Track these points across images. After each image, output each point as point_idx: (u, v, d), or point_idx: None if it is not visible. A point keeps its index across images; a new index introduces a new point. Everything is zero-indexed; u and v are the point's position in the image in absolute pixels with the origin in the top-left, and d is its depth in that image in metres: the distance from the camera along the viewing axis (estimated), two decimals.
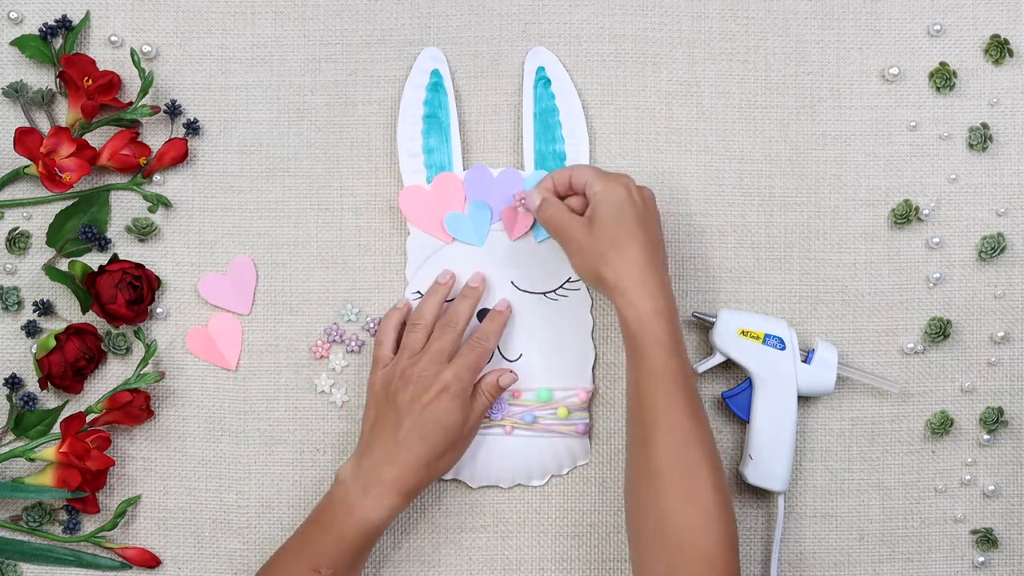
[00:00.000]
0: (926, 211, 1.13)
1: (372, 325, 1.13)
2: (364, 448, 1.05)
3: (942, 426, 1.13)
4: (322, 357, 1.13)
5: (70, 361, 1.09)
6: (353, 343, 1.12)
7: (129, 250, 1.13)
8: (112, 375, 1.13)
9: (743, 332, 1.09)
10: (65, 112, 1.12)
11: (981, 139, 1.13)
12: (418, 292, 1.12)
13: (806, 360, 1.10)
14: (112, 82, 1.11)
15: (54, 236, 1.12)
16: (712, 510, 0.97)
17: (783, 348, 1.09)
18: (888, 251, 1.14)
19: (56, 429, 1.11)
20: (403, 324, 1.10)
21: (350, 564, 1.03)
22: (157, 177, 1.13)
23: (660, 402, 0.99)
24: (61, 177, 1.09)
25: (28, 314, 1.12)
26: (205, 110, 1.13)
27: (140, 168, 1.12)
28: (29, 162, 1.10)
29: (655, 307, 1.00)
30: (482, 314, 1.11)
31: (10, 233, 1.12)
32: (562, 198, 1.07)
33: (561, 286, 1.12)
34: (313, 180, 1.13)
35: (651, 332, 1.00)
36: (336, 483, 1.05)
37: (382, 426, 1.05)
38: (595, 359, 1.13)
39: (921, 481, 1.14)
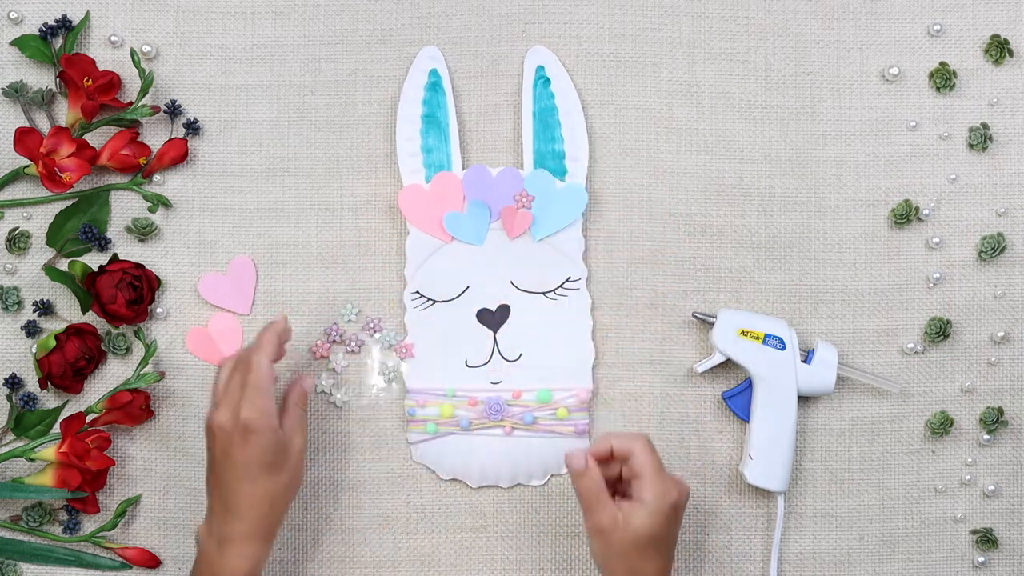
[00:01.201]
0: (926, 211, 1.13)
1: (372, 325, 1.13)
2: (209, 505, 1.02)
3: (942, 426, 1.12)
4: (322, 357, 1.13)
5: (70, 361, 1.09)
6: (353, 343, 1.12)
7: (129, 250, 1.13)
8: (112, 375, 1.13)
9: (743, 332, 1.09)
10: (65, 112, 1.12)
11: (981, 139, 1.13)
12: (417, 292, 1.12)
13: (806, 360, 1.10)
14: (112, 82, 1.11)
15: (54, 236, 1.12)
16: None
17: (783, 348, 1.09)
18: (888, 251, 1.14)
19: (56, 429, 1.11)
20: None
21: None
22: (157, 177, 1.13)
23: None
24: (61, 177, 1.09)
25: (28, 314, 1.12)
26: (205, 110, 1.13)
27: (140, 168, 1.12)
28: (29, 162, 1.10)
29: None
30: (482, 313, 1.11)
31: (10, 233, 1.12)
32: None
33: (560, 286, 1.12)
34: (313, 180, 1.13)
35: None
36: (197, 544, 1.02)
37: (213, 482, 1.02)
38: (595, 359, 1.13)
39: (921, 481, 1.14)
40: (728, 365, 1.12)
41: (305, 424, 1.05)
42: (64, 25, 1.12)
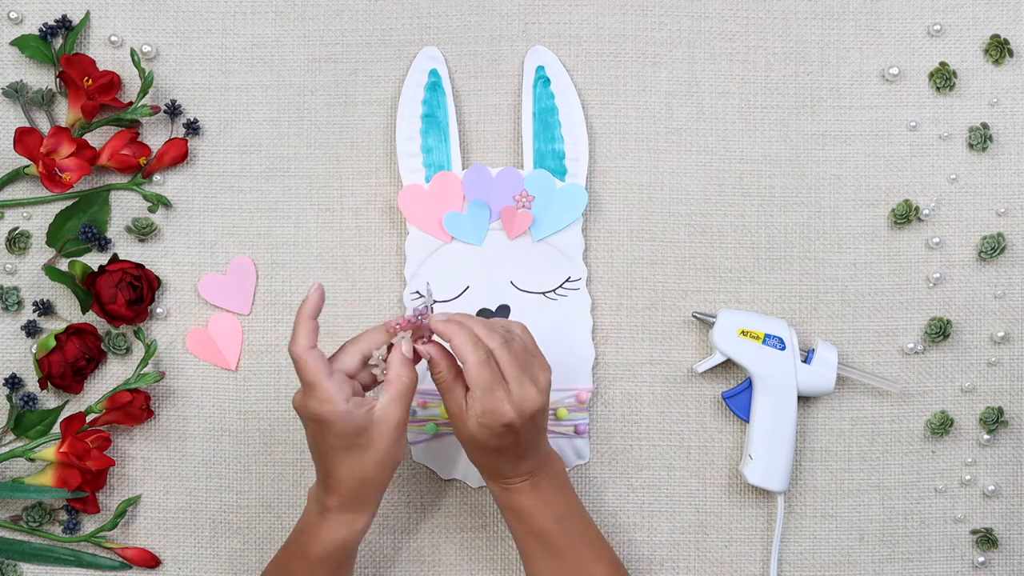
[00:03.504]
0: (926, 211, 1.13)
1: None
2: (317, 470, 1.02)
3: (942, 426, 1.13)
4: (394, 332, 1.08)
5: (70, 361, 1.09)
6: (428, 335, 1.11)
7: (129, 250, 1.13)
8: (112, 375, 1.13)
9: (743, 332, 1.09)
10: (65, 112, 1.12)
11: (981, 139, 1.13)
12: (416, 292, 1.12)
13: (806, 360, 1.10)
14: (112, 82, 1.11)
15: (54, 236, 1.12)
16: None
17: (783, 348, 1.09)
18: (888, 251, 1.14)
19: (56, 429, 1.11)
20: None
21: None
22: (157, 177, 1.13)
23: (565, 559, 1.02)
24: (61, 177, 1.09)
25: (28, 314, 1.12)
26: (205, 110, 1.13)
27: (140, 168, 1.12)
28: (29, 162, 1.10)
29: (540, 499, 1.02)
30: (482, 313, 1.12)
31: (10, 233, 1.12)
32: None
33: (560, 286, 1.12)
34: (313, 180, 1.13)
35: (539, 519, 1.02)
36: (306, 505, 1.02)
37: (311, 449, 1.00)
38: (595, 359, 1.13)
39: (921, 481, 1.14)
40: (728, 365, 1.12)
41: (405, 395, 0.97)
42: (64, 25, 1.12)
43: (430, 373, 0.99)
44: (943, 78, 1.13)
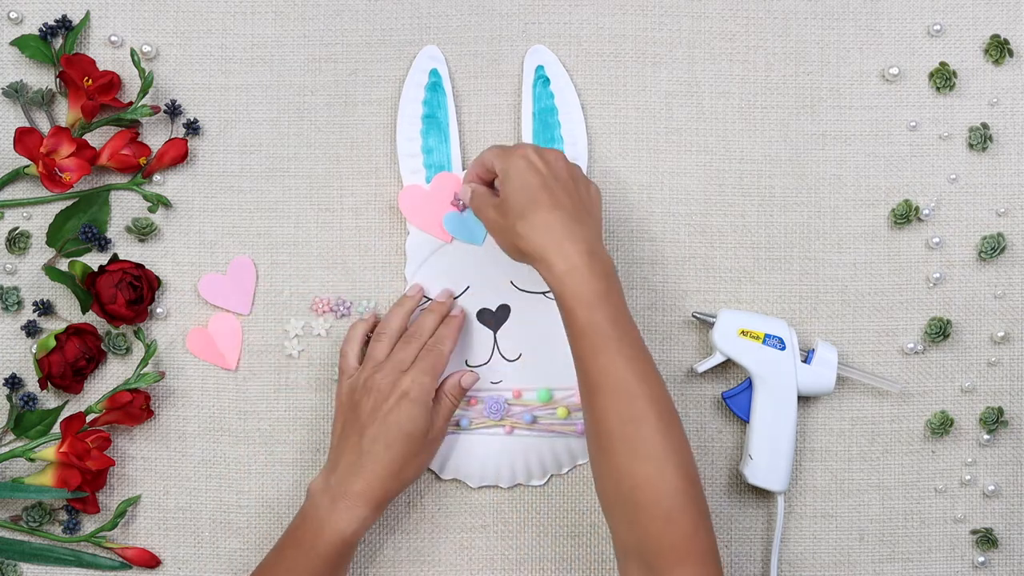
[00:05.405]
0: (926, 211, 1.13)
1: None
2: (332, 460, 1.05)
3: (942, 426, 1.13)
4: (314, 311, 1.13)
5: (70, 361, 1.09)
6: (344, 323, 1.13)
7: (129, 250, 1.13)
8: (112, 375, 1.13)
9: (743, 332, 1.09)
10: (65, 112, 1.12)
11: (981, 139, 1.13)
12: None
13: (806, 360, 1.10)
14: (112, 82, 1.11)
15: (54, 236, 1.12)
16: (662, 463, 0.94)
17: (783, 348, 1.09)
18: (888, 251, 1.14)
19: (56, 429, 1.11)
20: (369, 336, 1.10)
21: None
22: (157, 177, 1.13)
23: (596, 361, 0.97)
24: (61, 177, 1.09)
25: (28, 314, 1.12)
26: (205, 110, 1.13)
27: (140, 168, 1.12)
28: (29, 162, 1.10)
29: (569, 266, 0.97)
30: (482, 313, 1.12)
31: (10, 233, 1.12)
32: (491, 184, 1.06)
33: None
34: (313, 180, 1.13)
35: (569, 291, 0.97)
36: (307, 498, 1.05)
37: (347, 437, 1.05)
38: None
39: (921, 481, 1.14)
40: (728, 365, 1.12)
41: (450, 416, 1.10)
42: (64, 25, 1.12)
43: (472, 201, 1.05)
44: (943, 78, 1.13)
